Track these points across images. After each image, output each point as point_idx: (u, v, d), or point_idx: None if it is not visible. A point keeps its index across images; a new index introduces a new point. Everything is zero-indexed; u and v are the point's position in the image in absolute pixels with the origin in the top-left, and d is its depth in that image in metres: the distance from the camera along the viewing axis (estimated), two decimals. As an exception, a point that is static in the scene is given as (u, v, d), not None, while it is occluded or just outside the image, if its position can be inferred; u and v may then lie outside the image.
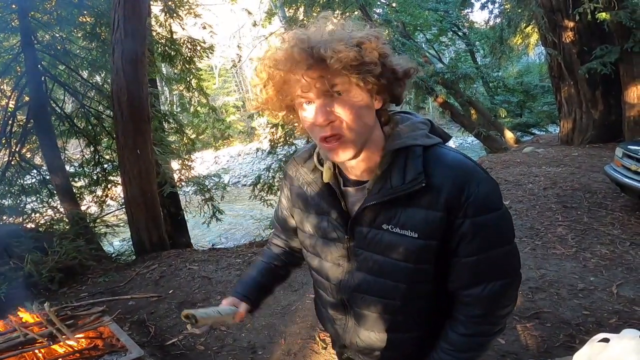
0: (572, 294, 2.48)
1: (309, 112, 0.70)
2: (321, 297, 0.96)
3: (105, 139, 6.35)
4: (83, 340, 2.23)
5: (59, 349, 2.15)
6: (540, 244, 3.30)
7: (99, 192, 6.40)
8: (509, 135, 9.46)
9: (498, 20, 8.68)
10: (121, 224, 5.83)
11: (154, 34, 6.38)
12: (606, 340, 0.93)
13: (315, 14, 7.86)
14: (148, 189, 4.17)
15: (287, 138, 5.38)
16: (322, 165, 0.83)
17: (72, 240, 3.83)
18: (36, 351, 2.11)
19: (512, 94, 12.31)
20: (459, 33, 11.72)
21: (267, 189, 5.65)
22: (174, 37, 6.88)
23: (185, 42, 6.73)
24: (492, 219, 0.73)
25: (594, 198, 4.34)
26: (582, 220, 3.77)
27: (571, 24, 6.74)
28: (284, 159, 5.53)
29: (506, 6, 8.59)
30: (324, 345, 2.30)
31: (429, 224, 0.72)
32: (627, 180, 3.59)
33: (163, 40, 6.52)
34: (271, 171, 5.65)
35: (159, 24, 6.77)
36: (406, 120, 0.80)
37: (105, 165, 6.37)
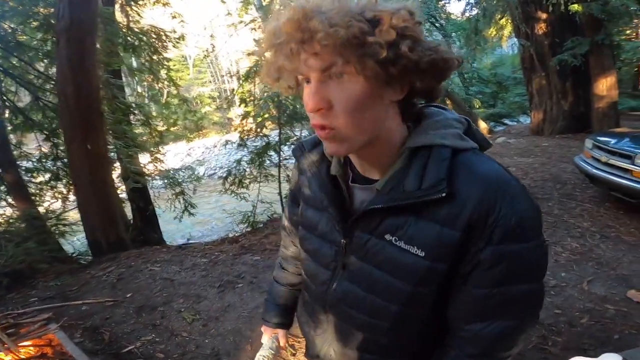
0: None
1: (305, 93, 0.59)
2: (304, 299, 0.87)
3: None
4: (31, 348, 2.07)
5: (4, 356, 2.02)
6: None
7: (60, 189, 6.06)
8: (483, 125, 9.59)
9: (474, 11, 8.67)
10: (79, 221, 5.54)
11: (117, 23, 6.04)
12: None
13: (292, 3, 7.60)
14: (102, 186, 3.91)
15: (259, 129, 5.17)
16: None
17: (21, 242, 3.53)
18: (-24, 361, 1.97)
19: (486, 85, 12.50)
20: (436, 24, 11.72)
21: (238, 183, 5.43)
22: (140, 26, 6.57)
23: (150, 31, 6.38)
24: (522, 251, 0.57)
25: (564, 189, 4.38)
26: (552, 212, 3.78)
27: (544, 16, 6.80)
28: (255, 151, 5.33)
29: (482, -1, 8.60)
30: (293, 352, 2.17)
31: (442, 244, 0.59)
32: (596, 172, 3.61)
33: (125, 30, 6.16)
34: (242, 164, 5.44)
35: (125, 13, 6.42)
36: (437, 115, 0.66)
37: (66, 160, 6.03)
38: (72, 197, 6.20)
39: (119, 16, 6.43)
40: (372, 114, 0.58)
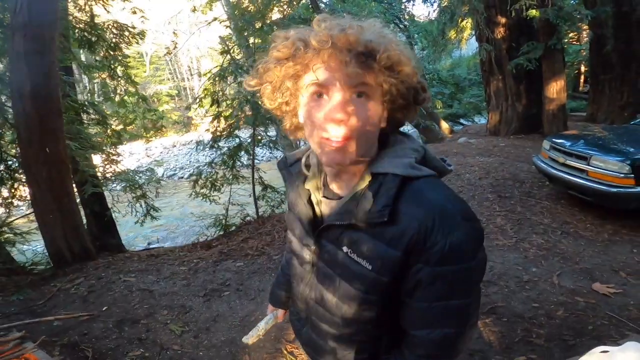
0: (519, 286, 2.61)
1: (321, 104, 0.66)
2: (293, 295, 0.98)
3: (9, 132, 5.48)
4: None
5: None
6: (484, 236, 3.46)
7: (5, 193, 5.54)
8: (445, 125, 10.00)
9: (439, 14, 8.95)
10: (33, 229, 5.11)
11: (70, 18, 5.62)
12: (606, 352, 0.92)
13: (259, 1, 7.47)
14: (63, 192, 3.61)
15: (232, 130, 5.03)
16: (308, 169, 0.83)
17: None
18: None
19: (445, 86, 13.03)
20: (400, 25, 12.02)
21: (210, 186, 5.26)
22: (100, 20, 6.14)
23: (110, 27, 5.99)
24: (457, 271, 0.66)
25: (523, 187, 4.68)
26: (516, 210, 4.03)
27: (503, 20, 7.18)
28: (227, 152, 5.19)
29: (444, 3, 8.86)
30: (292, 358, 2.17)
31: (385, 261, 0.69)
32: (555, 172, 3.91)
33: (82, 25, 5.74)
34: (214, 166, 5.27)
35: (77, 8, 5.97)
36: (399, 142, 0.74)
37: (10, 162, 5.52)
38: (17, 202, 5.74)
39: (74, 10, 5.99)
40: (375, 131, 0.69)
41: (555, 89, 6.78)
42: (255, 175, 5.42)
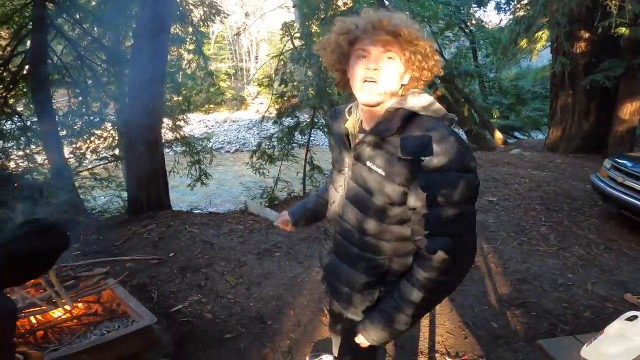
0: (553, 287, 2.70)
1: (364, 60, 0.94)
2: (327, 217, 1.21)
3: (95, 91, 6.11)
4: (80, 304, 2.06)
5: (55, 313, 1.95)
6: (526, 240, 3.52)
7: (82, 144, 6.18)
8: (498, 135, 9.70)
9: (514, 23, 8.49)
10: (105, 179, 5.68)
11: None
12: (634, 317, 1.10)
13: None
14: (153, 142, 4.05)
15: (294, 110, 5.35)
16: (349, 115, 1.08)
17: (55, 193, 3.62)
18: (31, 317, 1.88)
19: (505, 96, 12.50)
20: (466, 30, 11.66)
21: (267, 158, 5.62)
22: None
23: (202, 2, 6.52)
24: (446, 178, 0.86)
25: (574, 204, 4.59)
26: (562, 222, 4.01)
27: (586, 35, 6.81)
28: (285, 129, 5.53)
29: (519, 13, 8.43)
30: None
31: (393, 167, 0.91)
32: (611, 190, 3.84)
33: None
34: (273, 140, 5.62)
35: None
36: (416, 94, 0.98)
37: (92, 117, 6.16)
38: (89, 154, 6.34)
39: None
40: (396, 83, 0.95)
41: (629, 109, 6.41)
42: (307, 155, 5.72)
